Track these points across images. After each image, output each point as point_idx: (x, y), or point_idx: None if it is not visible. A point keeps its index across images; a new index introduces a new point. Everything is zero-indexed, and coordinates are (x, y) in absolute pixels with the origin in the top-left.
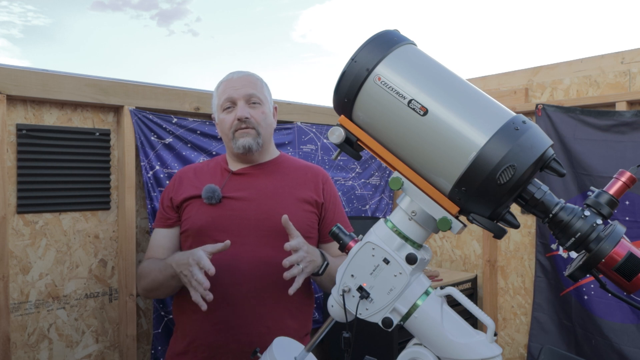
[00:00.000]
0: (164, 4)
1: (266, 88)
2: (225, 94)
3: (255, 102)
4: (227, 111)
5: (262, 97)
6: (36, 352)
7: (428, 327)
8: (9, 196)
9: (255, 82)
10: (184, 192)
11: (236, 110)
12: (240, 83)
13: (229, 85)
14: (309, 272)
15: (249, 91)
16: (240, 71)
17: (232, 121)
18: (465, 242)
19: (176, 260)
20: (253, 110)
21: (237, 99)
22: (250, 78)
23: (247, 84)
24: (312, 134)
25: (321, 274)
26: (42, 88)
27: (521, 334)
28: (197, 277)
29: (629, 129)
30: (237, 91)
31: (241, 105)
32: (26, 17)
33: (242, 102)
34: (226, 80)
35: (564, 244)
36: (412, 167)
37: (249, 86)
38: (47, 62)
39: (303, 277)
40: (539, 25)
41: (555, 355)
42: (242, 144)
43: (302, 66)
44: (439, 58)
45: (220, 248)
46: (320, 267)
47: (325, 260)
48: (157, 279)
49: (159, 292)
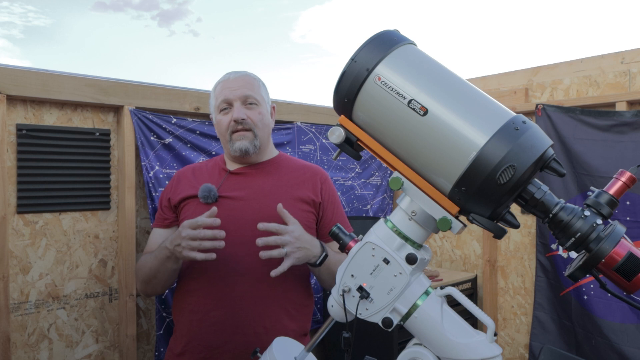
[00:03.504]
0: (165, 4)
1: (263, 88)
2: (221, 95)
3: (252, 103)
4: (223, 112)
5: (259, 97)
6: (36, 352)
7: (428, 327)
8: (9, 196)
9: (252, 83)
10: (182, 192)
11: (232, 111)
12: (236, 84)
13: (226, 86)
14: (296, 259)
15: (245, 92)
16: (237, 71)
17: (228, 122)
18: (465, 242)
19: (170, 240)
20: (250, 111)
21: (233, 100)
22: (247, 78)
23: (244, 84)
24: (311, 134)
25: (318, 264)
26: (42, 88)
27: (521, 334)
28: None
29: (629, 129)
30: (234, 92)
31: (237, 107)
32: (27, 18)
33: (239, 103)
34: (223, 80)
35: (564, 244)
36: (412, 167)
37: (245, 87)
38: (47, 62)
39: (289, 262)
40: (539, 25)
41: (555, 355)
42: (239, 147)
43: (301, 66)
44: (439, 58)
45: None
46: (318, 257)
47: (324, 252)
48: (153, 266)
49: (157, 282)
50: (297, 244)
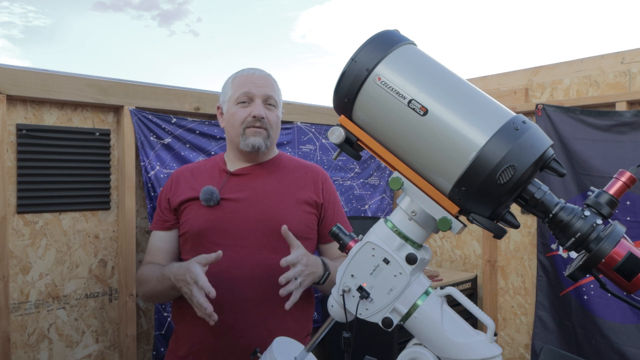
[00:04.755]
0: (165, 4)
1: (280, 93)
2: (244, 87)
3: (271, 104)
4: (241, 105)
5: (278, 100)
6: (36, 352)
7: (428, 327)
8: (9, 196)
9: (273, 85)
10: (182, 193)
11: (252, 106)
12: (261, 81)
13: (250, 80)
14: (307, 285)
15: (268, 92)
16: (260, 69)
17: (245, 117)
18: (465, 242)
19: (174, 274)
20: (269, 111)
21: (255, 96)
22: (270, 79)
23: (268, 84)
24: (311, 134)
25: (322, 283)
26: (42, 88)
27: (521, 334)
28: (199, 301)
29: (629, 129)
30: (259, 89)
31: (259, 104)
32: (27, 18)
33: (260, 100)
34: (246, 74)
35: (564, 244)
36: (412, 167)
37: (269, 87)
38: (47, 62)
39: (300, 291)
40: (539, 25)
41: (555, 355)
42: (252, 143)
43: (301, 66)
44: (439, 58)
45: (213, 259)
46: (322, 277)
47: (327, 271)
48: (156, 289)
49: (160, 300)
50: (307, 271)
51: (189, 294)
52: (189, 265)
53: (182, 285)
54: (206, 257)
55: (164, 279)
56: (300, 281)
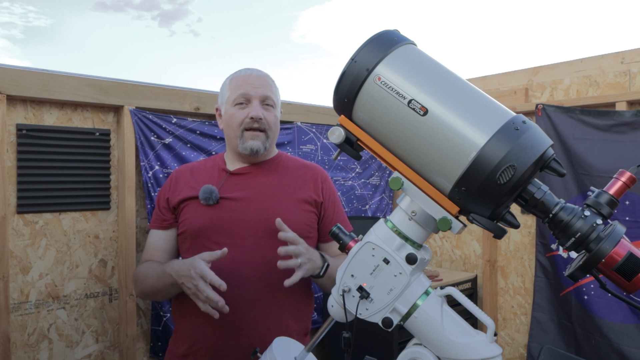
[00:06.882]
0: (165, 4)
1: (278, 92)
2: (241, 89)
3: (269, 105)
4: (239, 106)
5: (276, 100)
6: (36, 352)
7: (428, 327)
8: (9, 196)
9: (271, 85)
10: (181, 192)
11: (250, 108)
12: (258, 82)
13: (247, 81)
14: (307, 270)
15: (265, 92)
16: (257, 70)
17: (243, 118)
18: (465, 242)
19: (175, 270)
20: (267, 112)
21: (253, 97)
22: (267, 79)
23: (265, 84)
24: (311, 134)
25: (322, 275)
26: (42, 88)
27: (521, 334)
28: (209, 295)
29: (629, 128)
30: (255, 90)
31: (256, 105)
32: (27, 18)
33: (258, 101)
34: (243, 75)
35: (564, 244)
36: (412, 167)
37: (266, 87)
38: (47, 62)
39: (301, 273)
40: (539, 25)
41: (555, 355)
42: (250, 147)
43: (301, 66)
44: (439, 58)
45: (219, 256)
46: (321, 268)
47: (325, 262)
48: (155, 286)
49: (158, 297)
50: (308, 255)
51: (193, 290)
52: (193, 262)
53: (185, 281)
54: (211, 254)
55: (165, 276)
56: (301, 262)
